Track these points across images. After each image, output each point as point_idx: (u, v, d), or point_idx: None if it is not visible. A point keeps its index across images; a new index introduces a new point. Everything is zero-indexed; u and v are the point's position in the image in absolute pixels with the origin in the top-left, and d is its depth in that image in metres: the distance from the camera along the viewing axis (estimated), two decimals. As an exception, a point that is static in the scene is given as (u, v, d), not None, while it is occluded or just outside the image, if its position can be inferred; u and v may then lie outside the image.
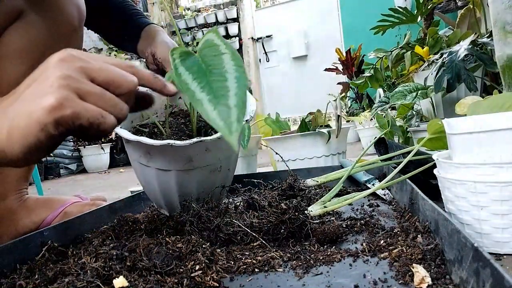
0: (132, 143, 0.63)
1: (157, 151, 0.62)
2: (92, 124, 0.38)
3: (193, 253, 0.45)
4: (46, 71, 0.39)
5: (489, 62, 1.08)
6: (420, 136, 1.33)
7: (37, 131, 0.37)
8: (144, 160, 0.65)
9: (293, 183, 0.76)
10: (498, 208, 0.47)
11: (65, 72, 0.38)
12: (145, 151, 0.64)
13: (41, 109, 0.36)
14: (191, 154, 0.63)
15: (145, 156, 0.64)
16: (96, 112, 0.38)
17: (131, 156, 0.69)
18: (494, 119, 0.53)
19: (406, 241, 0.49)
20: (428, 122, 0.69)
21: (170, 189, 0.67)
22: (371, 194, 0.69)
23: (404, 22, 1.78)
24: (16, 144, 0.38)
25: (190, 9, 5.25)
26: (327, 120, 1.28)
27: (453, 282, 0.38)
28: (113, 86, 0.41)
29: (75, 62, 0.40)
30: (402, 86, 1.34)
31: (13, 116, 0.38)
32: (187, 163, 0.64)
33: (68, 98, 0.37)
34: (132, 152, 0.67)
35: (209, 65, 0.38)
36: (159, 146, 0.60)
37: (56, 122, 0.37)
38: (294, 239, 0.55)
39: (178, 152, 0.62)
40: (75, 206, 0.91)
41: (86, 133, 0.39)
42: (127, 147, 0.68)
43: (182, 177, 0.65)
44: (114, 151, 3.81)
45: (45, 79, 0.38)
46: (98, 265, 0.42)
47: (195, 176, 0.66)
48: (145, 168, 0.66)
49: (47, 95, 0.37)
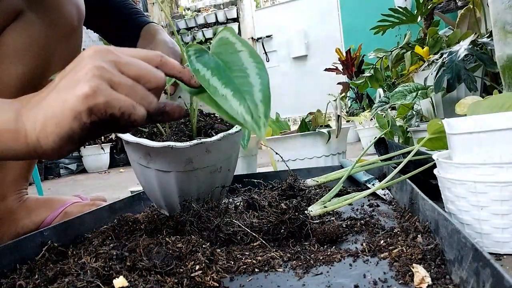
0: (132, 144, 0.63)
1: (157, 153, 0.62)
2: (123, 114, 0.39)
3: (193, 253, 0.45)
4: (81, 63, 0.40)
5: (489, 62, 1.08)
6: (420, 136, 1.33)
7: (71, 120, 0.38)
8: (144, 161, 0.65)
9: (293, 183, 0.76)
10: (498, 208, 0.47)
11: (99, 63, 0.39)
12: (145, 153, 0.63)
13: (75, 96, 0.37)
14: (191, 155, 0.63)
15: (145, 157, 0.64)
16: (128, 102, 0.39)
17: (131, 157, 0.69)
18: (494, 119, 0.53)
19: (406, 241, 0.49)
20: (428, 122, 0.69)
21: (170, 190, 0.67)
22: (371, 194, 0.69)
23: (404, 22, 1.79)
24: (51, 135, 0.38)
25: (190, 9, 5.25)
26: (327, 120, 1.28)
27: (453, 282, 0.38)
28: (143, 81, 0.42)
29: (108, 55, 0.41)
30: (402, 86, 1.34)
31: (48, 106, 0.39)
32: (187, 165, 0.64)
33: (101, 87, 0.38)
34: (132, 153, 0.67)
35: (227, 62, 0.38)
36: (159, 148, 0.59)
37: (89, 110, 0.37)
38: (294, 239, 0.55)
39: (178, 153, 0.62)
40: (75, 206, 0.91)
41: (117, 123, 0.40)
42: (127, 148, 0.68)
43: (182, 178, 0.65)
44: (114, 151, 3.81)
45: (79, 70, 0.39)
46: (98, 265, 0.42)
47: (195, 177, 0.66)
48: (145, 169, 0.66)
49: (81, 83, 0.38)
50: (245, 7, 4.83)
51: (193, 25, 5.17)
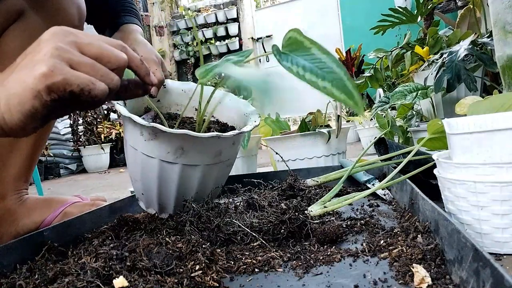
0: (160, 139, 0.61)
1: (192, 146, 0.61)
2: (82, 90, 0.41)
3: (193, 253, 0.45)
4: (40, 44, 0.42)
5: (489, 62, 1.08)
6: (420, 136, 1.33)
7: (31, 98, 0.39)
8: (171, 157, 0.62)
9: (293, 183, 0.76)
10: (498, 208, 0.47)
11: (57, 44, 0.41)
12: (178, 146, 0.61)
13: (33, 76, 0.39)
14: (222, 147, 0.64)
15: (175, 152, 0.62)
16: (86, 79, 0.41)
17: (152, 153, 0.63)
18: (494, 119, 0.53)
19: (406, 241, 0.49)
20: (428, 122, 0.69)
21: (188, 185, 0.66)
22: (371, 194, 0.69)
23: (404, 22, 1.79)
24: (14, 112, 0.40)
25: (190, 9, 5.26)
26: (327, 120, 1.28)
27: (453, 282, 0.38)
28: (103, 61, 0.43)
29: (67, 36, 0.42)
30: (402, 86, 1.34)
31: (10, 86, 0.41)
32: (216, 157, 0.65)
33: (59, 66, 0.40)
34: (158, 148, 0.62)
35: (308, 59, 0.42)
36: (197, 140, 0.59)
37: (48, 88, 0.39)
38: (294, 239, 0.55)
39: (213, 145, 0.63)
40: (75, 206, 0.91)
41: (78, 99, 0.41)
42: (150, 144, 0.63)
43: (206, 172, 0.66)
44: (114, 151, 3.81)
45: (38, 51, 0.41)
46: (98, 265, 0.42)
47: (216, 170, 0.67)
48: (166, 166, 0.63)
49: (39, 63, 0.40)
50: (245, 7, 4.83)
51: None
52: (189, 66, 5.30)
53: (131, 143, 0.66)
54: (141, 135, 0.63)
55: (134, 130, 0.64)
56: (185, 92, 0.83)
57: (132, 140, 0.65)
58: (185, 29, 5.21)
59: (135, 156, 0.66)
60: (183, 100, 0.82)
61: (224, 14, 4.93)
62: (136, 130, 0.63)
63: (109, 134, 3.61)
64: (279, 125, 1.41)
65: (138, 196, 0.73)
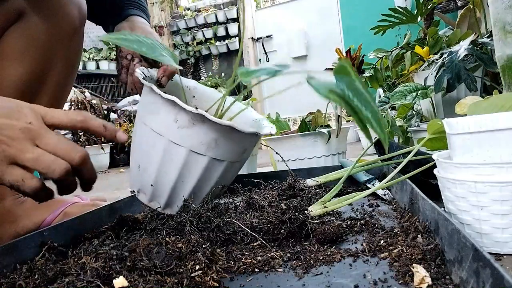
0: (197, 128, 0.60)
1: (226, 140, 0.62)
2: (12, 186, 0.47)
3: (193, 253, 0.45)
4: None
5: (489, 62, 1.08)
6: (420, 136, 1.33)
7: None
8: (203, 148, 0.62)
9: (293, 183, 0.76)
10: (498, 208, 0.47)
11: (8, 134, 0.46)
12: (213, 138, 0.61)
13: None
14: (247, 146, 0.66)
15: (209, 143, 0.62)
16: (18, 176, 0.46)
17: (182, 142, 0.62)
18: (494, 119, 0.53)
19: (406, 241, 0.49)
20: (428, 122, 0.69)
21: (208, 180, 0.66)
22: (371, 194, 0.69)
23: (404, 22, 1.79)
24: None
25: (190, 9, 5.26)
26: (327, 120, 1.28)
27: (453, 282, 0.38)
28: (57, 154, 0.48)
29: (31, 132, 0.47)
30: (402, 86, 1.34)
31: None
32: (240, 155, 0.67)
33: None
34: (191, 137, 0.61)
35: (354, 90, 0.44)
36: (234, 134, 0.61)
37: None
38: (294, 239, 0.55)
39: (243, 143, 0.65)
40: (75, 206, 0.91)
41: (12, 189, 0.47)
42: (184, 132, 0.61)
43: (227, 168, 0.67)
44: (114, 151, 3.80)
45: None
46: (98, 265, 0.42)
47: (234, 168, 0.69)
48: (194, 157, 0.62)
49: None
50: (245, 7, 4.83)
51: (193, 25, 5.17)
52: (189, 66, 5.30)
53: (156, 128, 0.63)
54: (175, 122, 0.61)
55: (167, 115, 0.61)
56: (189, 89, 0.83)
57: (159, 126, 0.63)
58: (185, 29, 5.21)
59: (155, 143, 0.64)
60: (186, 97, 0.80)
61: (224, 14, 4.92)
62: (170, 115, 0.61)
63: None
64: (279, 125, 1.41)
65: (140, 187, 0.70)
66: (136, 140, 0.70)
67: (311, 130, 1.24)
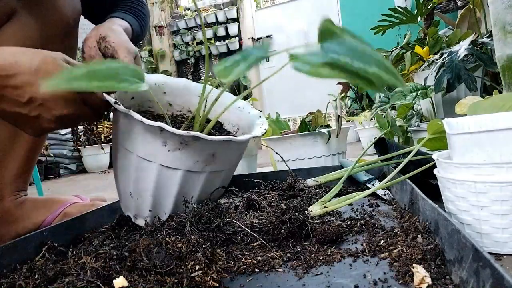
0: (191, 147, 0.55)
1: (224, 151, 0.59)
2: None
3: (193, 253, 0.45)
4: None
5: (489, 62, 1.09)
6: (420, 136, 1.33)
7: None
8: (200, 166, 0.58)
9: (293, 183, 0.76)
10: (498, 208, 0.47)
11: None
12: (210, 154, 0.57)
13: None
14: (242, 150, 0.66)
15: (206, 160, 0.57)
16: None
17: (175, 164, 0.57)
18: (494, 119, 0.53)
19: (406, 241, 0.49)
20: (428, 122, 0.69)
21: (208, 191, 0.63)
22: (371, 194, 0.69)
23: (404, 22, 1.79)
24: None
25: (190, 9, 5.26)
26: (327, 120, 1.28)
27: (453, 282, 0.38)
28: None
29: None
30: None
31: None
32: (238, 158, 0.66)
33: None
34: (185, 158, 0.56)
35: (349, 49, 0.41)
36: (232, 144, 0.59)
37: None
38: (294, 239, 0.55)
39: (239, 148, 0.64)
40: (75, 206, 0.91)
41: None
42: (176, 155, 0.56)
43: (226, 175, 0.66)
44: (114, 151, 3.80)
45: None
46: (98, 265, 0.42)
47: (232, 172, 0.68)
48: (191, 176, 0.58)
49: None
50: (245, 7, 4.83)
51: (193, 25, 5.17)
52: (189, 66, 5.30)
53: (143, 155, 0.57)
54: (163, 146, 0.55)
55: (154, 140, 0.55)
56: (158, 86, 0.74)
57: (146, 151, 0.57)
58: (185, 29, 5.21)
59: (144, 169, 0.58)
60: (155, 95, 0.69)
61: (224, 14, 4.93)
62: (157, 140, 0.55)
63: (109, 134, 3.61)
64: (279, 125, 1.41)
65: (137, 213, 0.65)
66: (119, 166, 0.62)
67: (311, 130, 1.24)
